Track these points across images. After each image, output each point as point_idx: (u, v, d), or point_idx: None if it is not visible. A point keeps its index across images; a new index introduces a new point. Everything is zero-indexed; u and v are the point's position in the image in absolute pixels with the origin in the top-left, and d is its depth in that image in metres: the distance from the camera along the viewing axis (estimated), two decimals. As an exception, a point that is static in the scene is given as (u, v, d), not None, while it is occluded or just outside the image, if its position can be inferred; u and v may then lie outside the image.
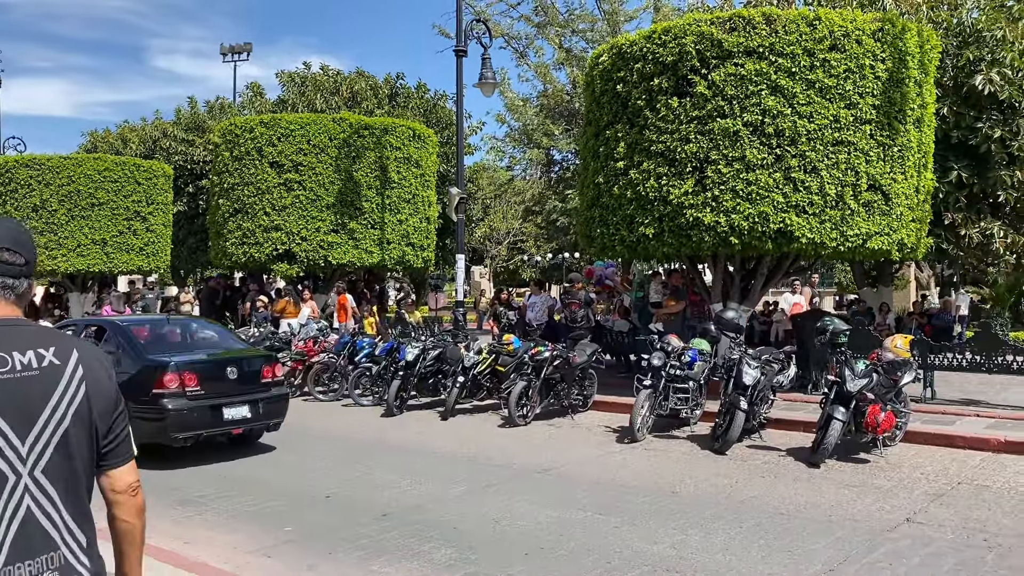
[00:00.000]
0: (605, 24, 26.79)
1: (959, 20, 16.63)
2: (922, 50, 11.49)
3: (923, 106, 11.61)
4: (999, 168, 15.90)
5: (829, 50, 10.62)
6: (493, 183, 41.16)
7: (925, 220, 12.20)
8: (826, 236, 10.51)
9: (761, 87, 10.60)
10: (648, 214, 11.26)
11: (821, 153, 10.52)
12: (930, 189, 12.33)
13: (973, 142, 15.68)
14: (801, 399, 10.96)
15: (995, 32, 15.68)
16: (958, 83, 15.92)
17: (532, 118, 27.69)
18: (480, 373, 11.04)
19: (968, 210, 16.33)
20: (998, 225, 16.39)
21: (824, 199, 10.50)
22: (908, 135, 11.16)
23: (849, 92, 10.62)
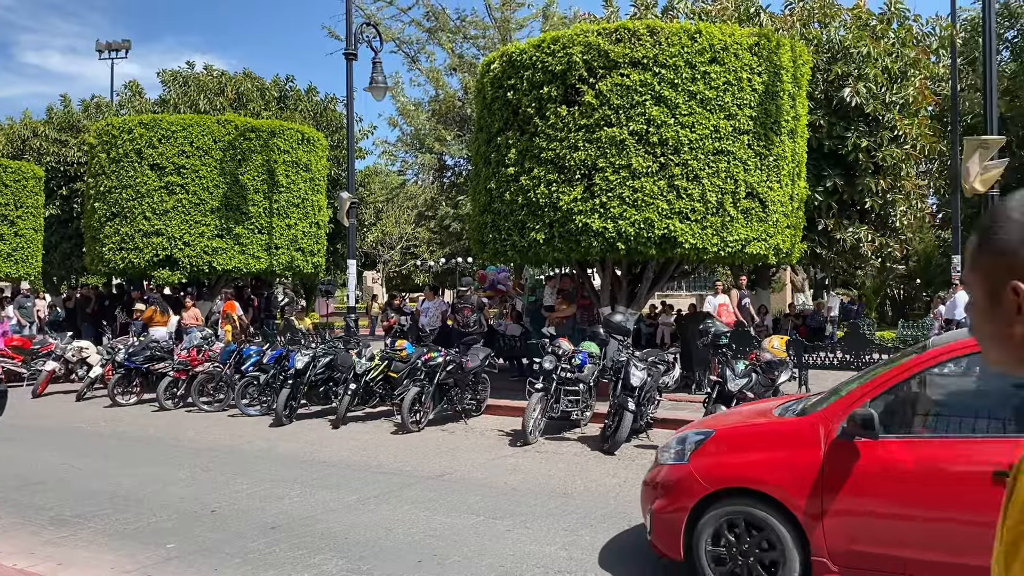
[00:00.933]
0: (496, 31, 27.02)
1: (829, 37, 17.61)
2: (795, 64, 12.10)
3: (796, 118, 12.22)
4: (866, 176, 16.94)
5: (709, 63, 11.05)
6: (385, 187, 40.81)
7: (799, 226, 12.84)
8: (708, 241, 10.93)
9: (646, 97, 10.93)
10: (539, 220, 11.42)
11: (702, 162, 10.93)
12: (803, 197, 12.99)
13: (843, 152, 16.65)
14: (686, 399, 11.35)
15: (861, 49, 16.72)
16: (829, 96, 16.86)
17: (424, 123, 27.62)
18: (372, 380, 10.93)
19: (839, 216, 17.32)
20: (865, 230, 17.46)
21: (705, 206, 10.92)
22: (783, 145, 11.73)
23: (728, 104, 11.08)
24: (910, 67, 17.46)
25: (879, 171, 17.13)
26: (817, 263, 19.92)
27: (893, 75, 17.14)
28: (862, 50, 16.76)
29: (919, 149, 17.74)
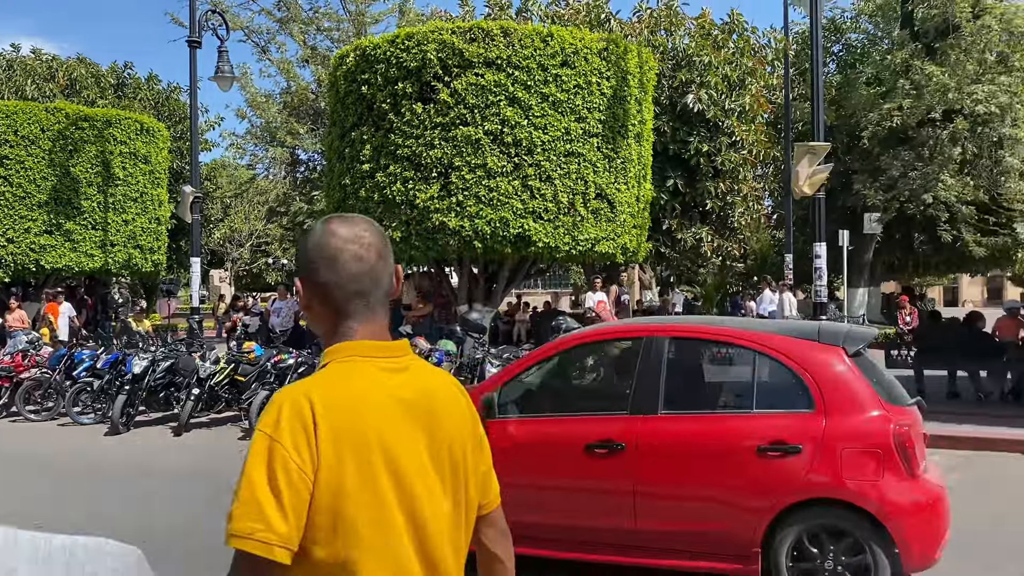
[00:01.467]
0: (351, 25, 26.54)
1: (674, 45, 18.40)
2: (641, 70, 12.55)
3: (642, 122, 12.68)
4: (707, 179, 17.81)
5: (561, 66, 11.28)
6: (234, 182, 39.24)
7: (645, 226, 13.33)
8: (560, 240, 11.16)
9: (500, 98, 11.03)
10: (395, 217, 11.30)
11: (555, 163, 11.15)
12: (649, 198, 13.50)
13: (686, 155, 17.42)
14: (540, 395, 11.52)
15: (703, 57, 17.55)
16: (673, 102, 17.61)
17: (275, 115, 26.76)
18: (218, 384, 10.46)
19: (682, 217, 18.13)
20: (706, 230, 18.36)
21: (558, 206, 11.14)
22: (630, 148, 12.15)
23: (579, 107, 11.36)
24: (747, 76, 18.50)
25: (719, 174, 18.05)
26: (662, 261, 20.78)
27: (732, 83, 18.11)
28: (704, 59, 17.61)
29: (755, 154, 18.84)
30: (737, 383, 4.84)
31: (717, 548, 4.39)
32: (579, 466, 4.63)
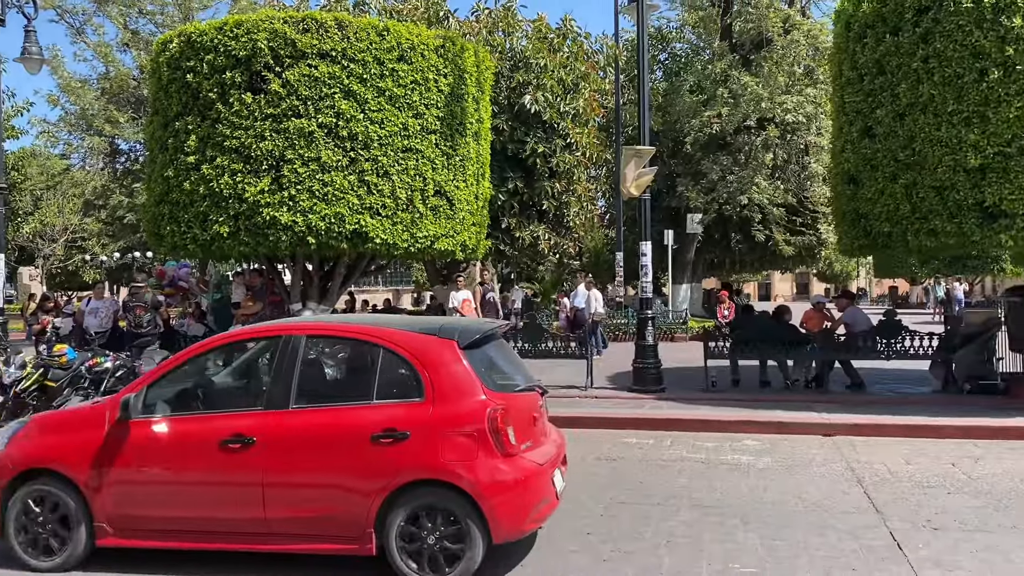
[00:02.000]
0: (176, 9, 25.19)
1: (511, 46, 18.71)
2: (478, 69, 12.67)
3: (480, 121, 12.82)
4: (543, 179, 18.24)
5: (397, 61, 11.20)
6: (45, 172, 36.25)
7: (484, 224, 13.48)
8: (398, 237, 11.09)
9: (335, 90, 10.81)
10: (223, 212, 10.83)
11: (392, 158, 11.06)
12: (487, 196, 13.66)
13: (523, 156, 17.76)
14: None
15: (539, 60, 17.95)
16: (511, 102, 17.90)
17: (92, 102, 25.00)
18: (24, 390, 9.64)
19: (520, 215, 18.47)
20: (543, 229, 18.80)
21: (396, 202, 11.06)
22: (468, 146, 12.24)
23: (416, 102, 11.32)
24: (581, 80, 19.09)
25: (555, 175, 18.54)
26: (502, 259, 21.10)
27: (567, 86, 18.63)
28: (541, 61, 18.02)
29: (588, 156, 19.49)
30: (363, 377, 5.18)
31: (338, 531, 4.80)
32: (214, 461, 4.91)
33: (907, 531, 5.61)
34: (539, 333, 12.49)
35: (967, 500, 6.40)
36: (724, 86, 25.27)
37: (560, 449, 5.53)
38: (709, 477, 7.31)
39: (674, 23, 29.61)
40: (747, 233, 28.74)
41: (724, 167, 25.86)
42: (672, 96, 27.13)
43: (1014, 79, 9.21)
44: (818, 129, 24.91)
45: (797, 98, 24.50)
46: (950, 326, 12.22)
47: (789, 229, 29.27)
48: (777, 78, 24.77)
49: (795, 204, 28.36)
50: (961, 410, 9.76)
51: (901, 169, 10.24)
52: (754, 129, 25.74)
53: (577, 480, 7.24)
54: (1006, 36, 9.24)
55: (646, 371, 11.81)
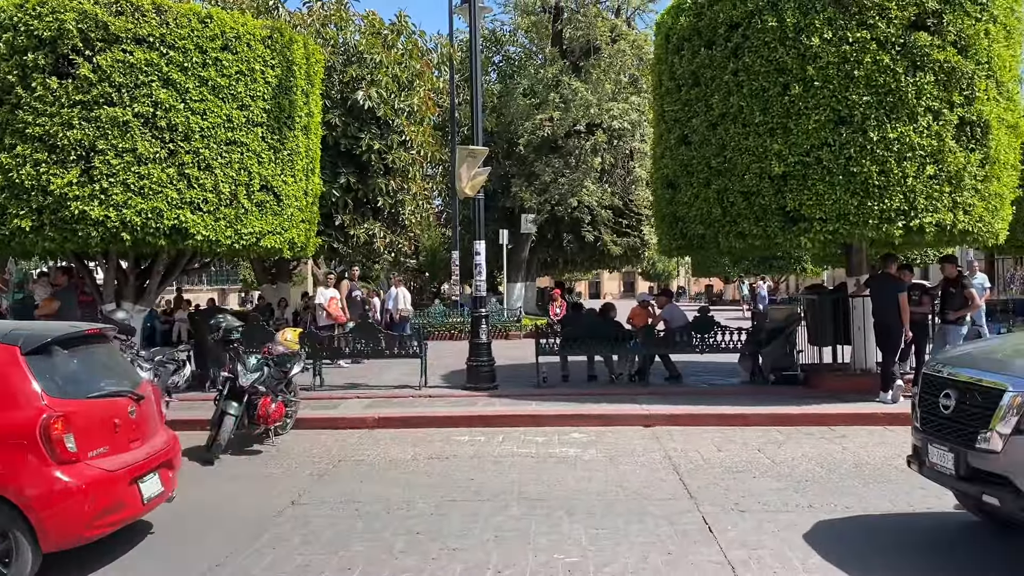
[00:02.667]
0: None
1: (344, 40, 18.35)
2: (308, 62, 12.35)
3: (310, 115, 12.50)
4: (378, 176, 18.03)
5: (221, 50, 10.72)
6: None
7: (314, 221, 13.16)
8: (221, 234, 10.62)
9: (152, 78, 10.20)
10: (24, 205, 9.96)
11: (215, 151, 10.58)
12: (318, 192, 13.35)
13: (357, 152, 17.48)
14: (200, 398, 10.92)
15: (374, 56, 17.72)
16: (344, 97, 17.56)
17: None
18: None
19: (355, 213, 18.17)
20: (378, 226, 18.59)
21: (219, 197, 10.59)
22: (297, 140, 11.91)
23: (241, 94, 10.88)
24: (416, 78, 19.02)
25: (390, 172, 18.37)
26: (335, 257, 20.68)
27: (402, 83, 18.51)
28: (375, 57, 17.80)
29: (424, 154, 19.46)
30: None
31: None
32: None
33: (717, 514, 5.99)
34: (373, 333, 12.35)
35: (771, 483, 6.92)
36: (555, 91, 26.00)
37: (162, 454, 5.52)
38: (538, 471, 7.50)
39: (508, 26, 30.16)
40: (578, 233, 29.70)
41: (556, 169, 26.60)
42: (506, 98, 27.60)
43: (812, 94, 10.04)
44: (642, 136, 26.12)
45: (623, 105, 25.60)
46: (756, 322, 13.16)
47: (616, 230, 30.51)
48: (605, 85, 25.77)
49: (621, 207, 29.60)
50: (766, 399, 10.56)
51: (714, 175, 10.92)
52: (584, 134, 26.63)
53: (409, 480, 7.23)
54: (806, 54, 10.06)
55: (480, 369, 11.94)
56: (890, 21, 9.82)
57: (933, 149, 9.81)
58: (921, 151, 9.80)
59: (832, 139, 9.95)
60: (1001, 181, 10.48)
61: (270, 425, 8.55)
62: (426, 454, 8.33)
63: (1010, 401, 4.46)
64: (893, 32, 9.81)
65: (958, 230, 10.10)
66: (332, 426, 9.70)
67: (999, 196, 10.50)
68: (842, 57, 9.89)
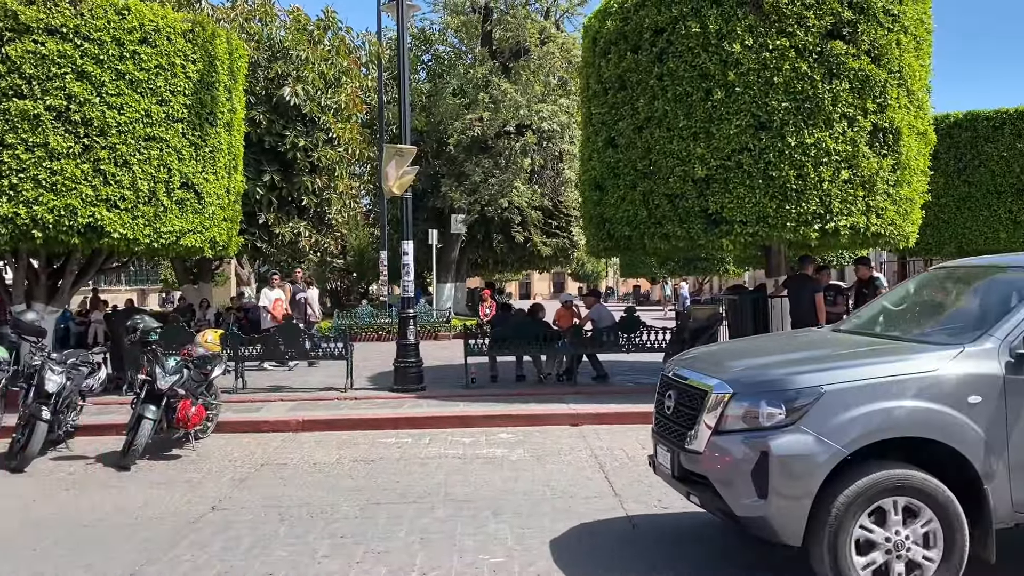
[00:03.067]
0: None
1: (269, 36, 18.01)
2: (231, 57, 12.07)
3: (233, 111, 12.22)
4: (303, 175, 17.77)
5: (140, 43, 10.40)
6: None
7: (236, 219, 12.87)
8: (139, 232, 10.30)
9: (66, 71, 9.84)
10: (-77, 200, 9.49)
11: (133, 147, 10.26)
12: (240, 190, 13.06)
13: (282, 149, 17.19)
14: (116, 401, 10.56)
15: (300, 52, 17.45)
16: (269, 93, 17.24)
17: None
18: None
19: (279, 211, 17.86)
20: (304, 225, 18.32)
21: (137, 194, 10.27)
22: (219, 137, 11.63)
23: (161, 88, 10.58)
24: (343, 75, 18.81)
25: (316, 170, 18.12)
26: (259, 256, 20.28)
27: (328, 80, 18.26)
28: (301, 53, 17.51)
29: (351, 152, 19.25)
30: None
31: None
32: None
33: (641, 512, 6.09)
34: (296, 334, 12.14)
35: (692, 479, 7.06)
36: (485, 91, 26.02)
37: None
38: (465, 472, 7.49)
39: (437, 25, 30.04)
40: (508, 234, 29.81)
41: (486, 170, 26.63)
42: (436, 97, 27.51)
43: (734, 100, 10.29)
44: (571, 138, 26.36)
45: (552, 107, 25.78)
46: (680, 321, 13.42)
47: (546, 231, 30.73)
48: (534, 87, 25.92)
49: (551, 208, 29.84)
50: (690, 398, 10.75)
51: (639, 178, 11.09)
52: (514, 135, 26.74)
53: (333, 484, 7.13)
54: (728, 60, 10.30)
55: (407, 370, 11.86)
56: (808, 30, 10.13)
57: (848, 154, 10.16)
58: (836, 156, 10.14)
59: (752, 144, 10.21)
60: (911, 186, 10.93)
61: (190, 429, 8.32)
62: (351, 457, 8.23)
63: (712, 402, 4.41)
64: (811, 40, 10.12)
65: (871, 233, 10.48)
66: (255, 429, 9.51)
67: (909, 200, 10.94)
68: (762, 64, 10.16)
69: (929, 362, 4.19)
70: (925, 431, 4.09)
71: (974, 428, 4.06)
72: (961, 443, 4.06)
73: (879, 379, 4.13)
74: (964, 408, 4.08)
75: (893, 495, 4.04)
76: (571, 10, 29.28)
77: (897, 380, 4.13)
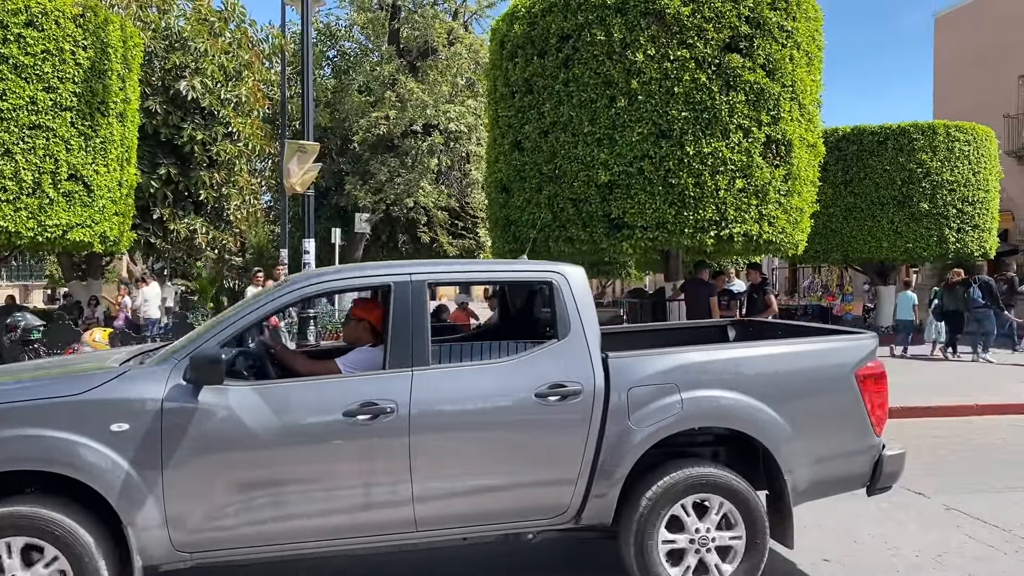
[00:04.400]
0: None
1: (167, 25, 17.37)
2: (125, 45, 11.62)
3: (126, 101, 11.75)
4: (201, 169, 17.20)
5: (25, 26, 9.90)
6: None
7: (128, 214, 12.38)
8: (22, 225, 9.80)
9: (-59, 51, 9.27)
10: None
11: (16, 135, 9.75)
12: (133, 183, 12.58)
13: (179, 142, 16.59)
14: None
15: (199, 43, 16.89)
16: (166, 84, 16.62)
17: None
18: None
19: (175, 206, 17.24)
20: (200, 221, 17.73)
21: (20, 185, 9.76)
22: (111, 128, 11.17)
23: (48, 75, 10.09)
24: (245, 68, 18.30)
25: (214, 165, 17.57)
26: (153, 252, 19.53)
27: (229, 73, 17.74)
28: (201, 45, 16.96)
29: (252, 147, 18.74)
30: None
31: None
32: None
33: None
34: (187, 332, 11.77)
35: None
36: (392, 90, 25.80)
37: None
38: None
39: (343, 21, 29.60)
40: (413, 234, 29.59)
41: (392, 169, 26.38)
42: (341, 94, 27.10)
43: (636, 108, 10.54)
44: (478, 139, 26.39)
45: (459, 108, 25.78)
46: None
47: (452, 232, 30.66)
48: (442, 87, 25.87)
49: (458, 209, 29.80)
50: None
51: (545, 181, 11.23)
52: (420, 134, 26.59)
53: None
54: (631, 69, 10.54)
55: (306, 371, 11.63)
56: (707, 42, 10.47)
57: (743, 164, 10.55)
58: (732, 166, 10.51)
59: (653, 151, 10.48)
60: (802, 196, 11.43)
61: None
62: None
63: None
64: (710, 52, 10.46)
65: (763, 240, 10.92)
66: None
67: (799, 210, 11.45)
68: (664, 74, 10.44)
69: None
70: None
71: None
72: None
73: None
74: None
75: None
76: (479, 12, 29.36)
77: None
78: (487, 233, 28.18)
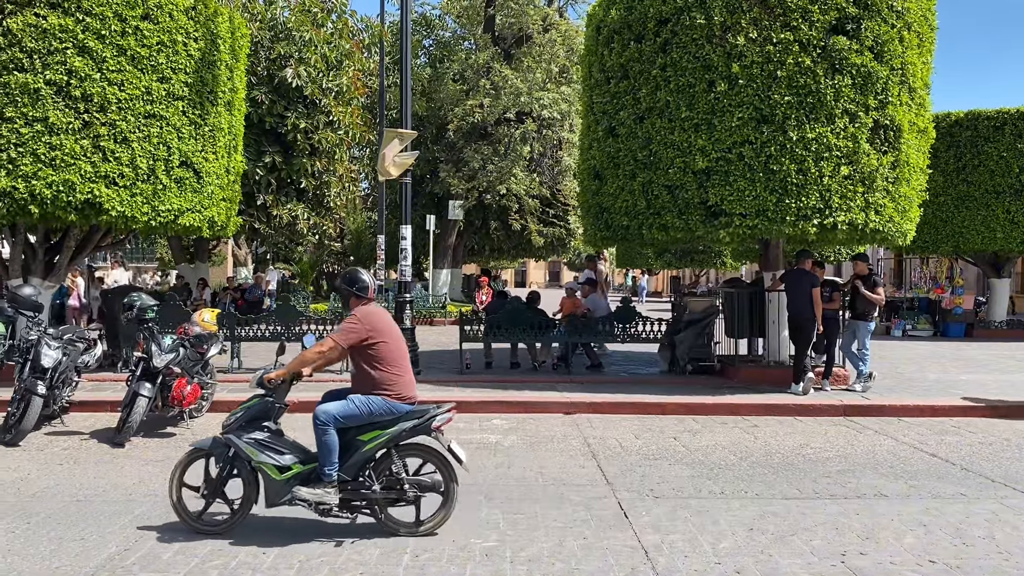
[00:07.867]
0: None
1: (273, 16, 17.93)
2: (233, 36, 12.03)
3: (234, 90, 12.18)
4: (303, 157, 17.72)
5: (142, 19, 10.35)
6: None
7: (235, 200, 12.85)
8: (137, 210, 10.28)
9: (67, 45, 9.79)
10: (-79, 173, 9.45)
11: (133, 124, 10.22)
12: (240, 170, 13.03)
13: (283, 131, 17.15)
14: (111, 378, 10.58)
15: (303, 33, 17.38)
16: (271, 74, 17.19)
17: None
18: None
19: (278, 193, 17.83)
20: (302, 208, 18.29)
21: (136, 172, 10.24)
22: (220, 116, 11.60)
23: (162, 65, 10.53)
24: (345, 58, 18.75)
25: (315, 152, 18.08)
26: (257, 237, 20.27)
27: (331, 63, 18.21)
28: (304, 35, 17.45)
29: (351, 136, 19.20)
30: None
31: None
32: None
33: (633, 500, 6.13)
34: (294, 316, 12.14)
35: (685, 470, 7.10)
36: (486, 77, 25.94)
37: None
38: (458, 456, 7.51)
39: (439, 11, 29.88)
40: (505, 221, 29.77)
41: (485, 156, 26.56)
42: (436, 83, 27.40)
43: (736, 92, 10.28)
44: (571, 126, 26.29)
45: (553, 95, 25.70)
46: (676, 313, 13.44)
47: (543, 220, 30.69)
48: (536, 74, 25.83)
49: (548, 196, 29.79)
50: (683, 389, 10.81)
51: (639, 168, 11.09)
52: (513, 122, 26.66)
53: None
54: (732, 53, 10.29)
55: (402, 354, 11.85)
56: (812, 24, 10.11)
57: (848, 150, 10.17)
58: (837, 152, 10.14)
59: (754, 137, 10.21)
60: (910, 184, 10.95)
61: (185, 407, 8.33)
62: (346, 439, 8.24)
63: None
64: (815, 35, 10.11)
65: (869, 229, 10.50)
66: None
67: (908, 198, 10.96)
68: (766, 57, 10.15)
69: None
70: None
71: None
72: None
73: None
74: None
75: None
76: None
77: None
78: (578, 221, 28.10)
